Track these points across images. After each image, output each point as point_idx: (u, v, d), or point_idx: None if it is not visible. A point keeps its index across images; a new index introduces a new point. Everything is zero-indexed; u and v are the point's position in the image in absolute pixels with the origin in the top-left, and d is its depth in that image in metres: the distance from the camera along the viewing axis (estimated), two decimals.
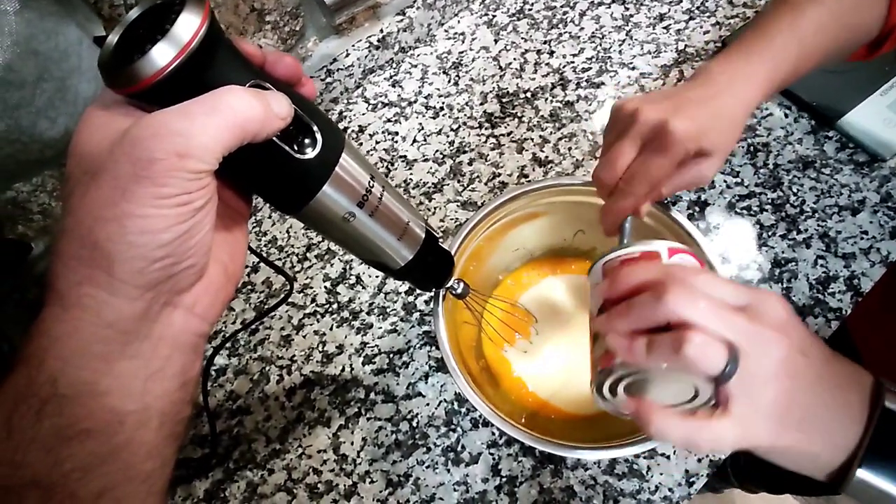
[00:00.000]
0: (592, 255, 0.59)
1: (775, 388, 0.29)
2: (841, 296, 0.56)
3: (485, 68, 0.77)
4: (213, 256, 0.25)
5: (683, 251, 0.36)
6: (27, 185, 0.58)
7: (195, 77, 0.22)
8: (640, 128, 0.40)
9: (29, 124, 0.42)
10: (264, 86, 0.24)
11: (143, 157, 0.20)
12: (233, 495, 0.54)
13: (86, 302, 0.21)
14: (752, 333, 0.29)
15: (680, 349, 0.28)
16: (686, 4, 0.78)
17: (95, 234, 0.20)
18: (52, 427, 0.20)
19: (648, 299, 0.30)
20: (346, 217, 0.29)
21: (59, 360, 0.21)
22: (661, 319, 0.30)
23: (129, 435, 0.22)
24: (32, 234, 0.60)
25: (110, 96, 0.22)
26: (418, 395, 0.57)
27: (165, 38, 0.21)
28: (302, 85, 0.27)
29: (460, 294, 0.45)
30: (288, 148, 0.25)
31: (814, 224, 0.60)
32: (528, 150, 0.69)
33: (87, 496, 0.21)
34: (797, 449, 0.30)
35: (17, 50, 0.39)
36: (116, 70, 0.21)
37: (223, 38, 0.23)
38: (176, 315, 0.23)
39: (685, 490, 0.50)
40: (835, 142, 0.64)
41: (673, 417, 0.29)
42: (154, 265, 0.21)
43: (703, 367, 0.28)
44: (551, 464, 0.52)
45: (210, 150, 0.21)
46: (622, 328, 0.32)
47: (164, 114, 0.21)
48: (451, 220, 0.66)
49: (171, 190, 0.20)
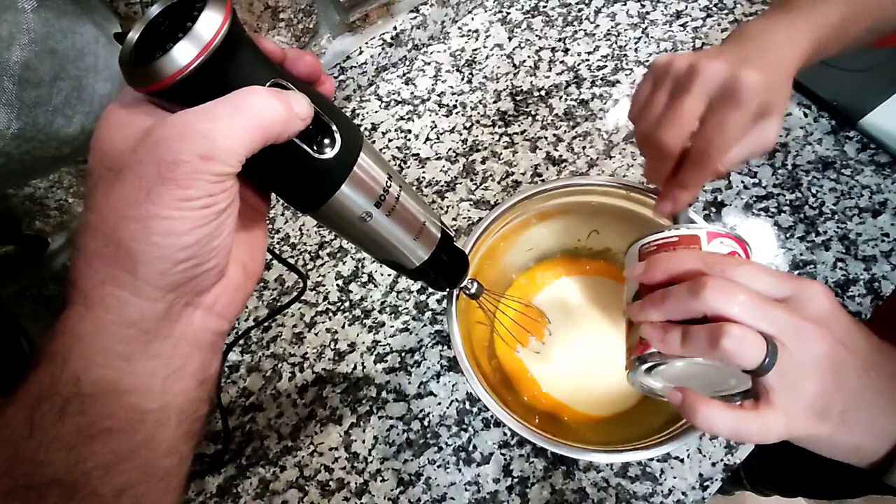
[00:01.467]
0: (606, 255, 0.58)
1: (817, 381, 0.28)
2: (861, 299, 0.55)
3: (498, 66, 0.77)
4: (233, 256, 0.25)
5: (724, 235, 0.35)
6: (44, 182, 0.59)
7: (217, 76, 0.22)
8: (705, 82, 0.35)
9: (46, 122, 0.42)
10: (285, 85, 0.24)
11: (168, 158, 0.20)
12: (245, 491, 0.55)
13: (109, 301, 0.21)
14: (793, 326, 0.28)
15: (717, 343, 0.27)
16: (703, 2, 0.77)
17: (119, 234, 0.20)
18: (74, 426, 0.20)
19: (685, 291, 0.30)
20: (362, 217, 0.29)
21: (82, 359, 0.21)
22: (698, 313, 0.29)
23: (149, 433, 0.22)
24: (49, 230, 0.61)
25: (131, 93, 0.22)
26: (430, 394, 0.57)
27: (187, 37, 0.20)
28: (321, 83, 0.27)
29: (474, 294, 0.44)
30: (307, 148, 0.25)
31: (833, 226, 0.59)
32: (542, 149, 0.69)
33: (108, 494, 0.21)
34: (838, 439, 0.29)
35: (34, 48, 0.39)
36: (137, 68, 0.21)
37: (244, 36, 0.23)
38: (196, 315, 0.24)
39: (699, 494, 0.49)
40: (856, 142, 0.63)
41: (720, 408, 0.29)
42: (177, 267, 0.21)
43: (741, 360, 0.27)
44: (563, 465, 0.52)
45: (234, 153, 0.21)
46: (657, 318, 0.31)
47: (188, 114, 0.20)
48: (463, 218, 0.66)
49: (195, 193, 0.20)
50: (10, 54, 0.37)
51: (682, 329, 0.30)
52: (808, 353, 0.28)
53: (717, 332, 0.28)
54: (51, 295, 0.62)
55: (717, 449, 0.50)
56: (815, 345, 0.28)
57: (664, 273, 0.32)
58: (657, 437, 0.42)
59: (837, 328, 0.29)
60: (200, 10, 0.21)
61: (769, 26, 0.39)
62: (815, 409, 0.28)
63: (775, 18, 0.40)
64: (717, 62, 0.36)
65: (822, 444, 0.30)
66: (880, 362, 0.30)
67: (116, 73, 0.47)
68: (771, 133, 0.38)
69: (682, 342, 0.29)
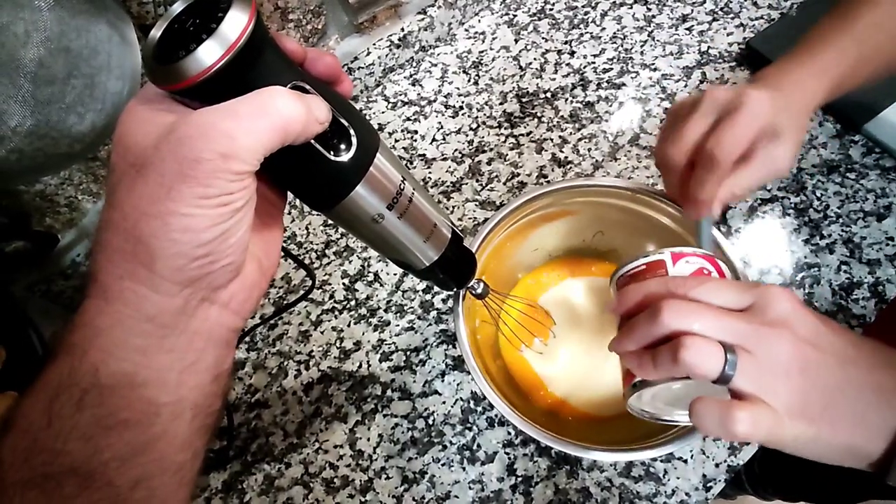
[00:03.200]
0: (611, 256, 0.58)
1: (788, 382, 0.29)
2: (865, 302, 0.55)
3: (505, 68, 0.77)
4: (249, 253, 0.25)
5: (689, 254, 0.36)
6: (55, 179, 0.59)
7: (240, 76, 0.22)
8: (710, 103, 0.39)
9: (58, 119, 0.43)
10: (305, 87, 0.24)
11: (190, 156, 0.20)
12: (250, 487, 0.55)
13: (127, 296, 0.21)
14: (752, 332, 0.29)
15: (677, 357, 0.28)
16: (709, 5, 0.77)
17: (140, 230, 0.21)
18: (91, 416, 0.21)
19: (646, 317, 0.31)
20: (375, 218, 0.29)
21: (101, 352, 0.21)
22: (659, 334, 0.30)
23: (165, 426, 0.23)
24: (59, 227, 0.62)
25: (153, 89, 0.23)
26: (435, 392, 0.57)
27: (213, 37, 0.21)
28: (340, 83, 0.27)
29: (480, 294, 0.45)
30: (324, 150, 0.25)
31: (838, 229, 0.59)
32: (548, 151, 0.69)
33: (124, 485, 0.21)
34: (827, 439, 0.29)
35: (49, 46, 0.40)
36: (161, 66, 0.21)
37: (268, 36, 0.23)
38: (212, 310, 0.24)
39: (702, 495, 0.49)
40: (861, 146, 0.63)
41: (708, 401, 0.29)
42: (194, 263, 0.22)
43: (702, 371, 0.28)
44: (567, 465, 0.52)
45: (253, 152, 0.21)
46: (631, 347, 0.32)
47: (210, 113, 0.21)
48: (469, 219, 0.66)
49: (214, 190, 0.21)
50: (26, 52, 0.38)
51: (651, 352, 0.31)
52: (772, 355, 0.29)
53: (675, 346, 0.29)
54: (59, 290, 0.62)
55: (720, 450, 0.51)
56: (777, 346, 0.29)
57: (633, 302, 0.34)
58: (661, 438, 0.42)
59: (801, 327, 0.30)
60: (225, 10, 0.21)
61: (782, 70, 0.42)
62: (793, 410, 0.28)
63: (789, 65, 0.43)
64: (725, 89, 0.39)
65: (813, 447, 0.30)
66: (857, 357, 0.30)
67: (128, 71, 0.47)
68: (782, 156, 0.40)
69: (653, 365, 0.30)
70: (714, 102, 0.39)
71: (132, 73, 0.48)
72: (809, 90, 0.41)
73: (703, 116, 0.39)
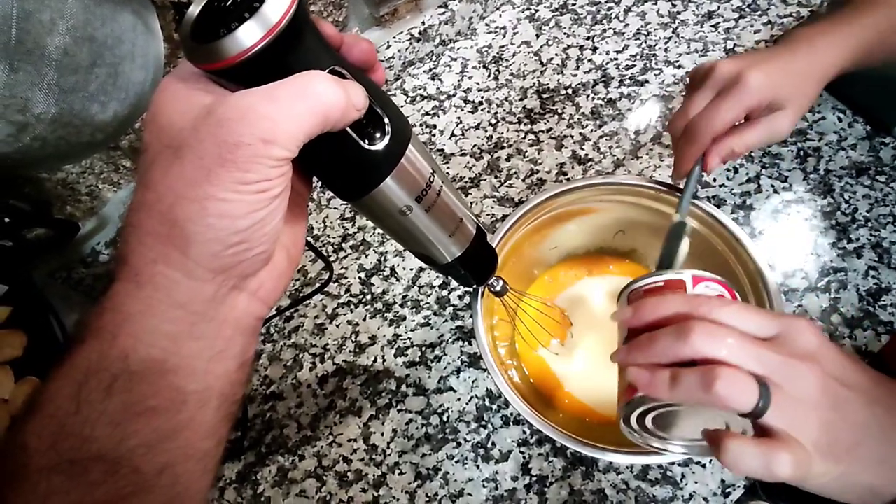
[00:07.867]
0: (632, 256, 0.58)
1: (818, 417, 0.28)
2: (893, 309, 0.54)
3: (525, 63, 0.76)
4: (279, 241, 0.25)
5: (709, 279, 0.35)
6: (76, 168, 0.60)
7: (280, 58, 0.21)
8: (714, 79, 0.42)
9: (81, 108, 0.43)
10: (343, 73, 0.24)
11: (230, 140, 0.20)
12: (264, 479, 0.55)
13: (159, 281, 0.21)
14: (782, 364, 0.28)
15: (711, 387, 0.26)
16: (736, 2, 0.76)
17: (175, 213, 0.20)
18: (120, 403, 0.21)
19: (672, 334, 0.29)
20: (403, 210, 0.28)
21: (131, 338, 0.21)
22: (685, 356, 0.29)
23: (191, 414, 0.22)
24: (80, 215, 0.62)
25: (188, 68, 0.22)
26: (450, 389, 0.57)
27: (254, 17, 0.20)
28: (374, 70, 0.27)
29: (499, 292, 0.44)
30: (358, 138, 0.24)
31: (866, 233, 0.58)
32: (568, 148, 0.68)
33: (150, 472, 0.21)
34: (853, 478, 0.28)
35: (74, 34, 0.40)
36: (200, 45, 0.21)
37: (309, 19, 0.23)
38: (241, 298, 0.24)
39: (720, 500, 0.49)
40: (891, 148, 0.61)
41: (747, 441, 0.27)
42: (228, 250, 0.21)
43: (735, 404, 0.27)
44: (583, 465, 0.51)
45: (294, 138, 0.20)
46: (643, 361, 0.31)
47: (251, 95, 0.20)
48: (487, 215, 0.66)
49: (253, 176, 0.20)
50: (52, 40, 0.38)
51: (671, 372, 0.29)
52: (801, 389, 0.28)
53: (709, 375, 0.27)
54: (80, 278, 0.63)
55: None
56: (806, 380, 0.28)
57: (651, 316, 0.32)
58: None
59: (828, 363, 0.29)
60: None
61: (810, 32, 0.44)
62: (822, 447, 0.27)
63: (820, 24, 0.44)
64: (731, 64, 0.41)
65: (835, 485, 0.29)
66: (882, 396, 0.29)
67: (152, 61, 0.47)
68: (781, 125, 0.42)
69: (670, 386, 0.28)
70: (717, 78, 0.42)
71: (155, 63, 0.48)
72: (825, 58, 0.42)
73: (705, 93, 0.42)
